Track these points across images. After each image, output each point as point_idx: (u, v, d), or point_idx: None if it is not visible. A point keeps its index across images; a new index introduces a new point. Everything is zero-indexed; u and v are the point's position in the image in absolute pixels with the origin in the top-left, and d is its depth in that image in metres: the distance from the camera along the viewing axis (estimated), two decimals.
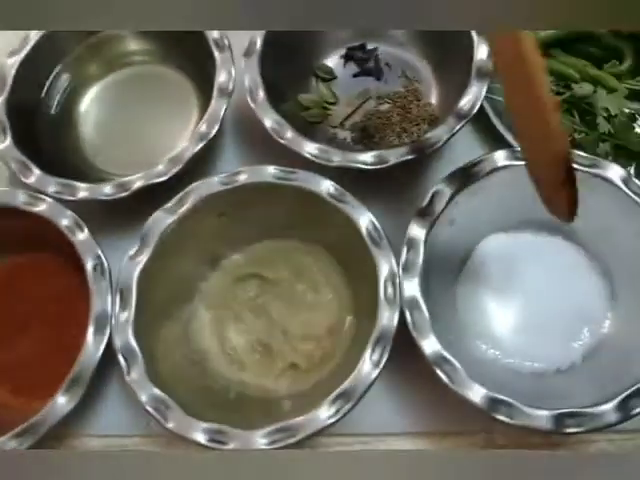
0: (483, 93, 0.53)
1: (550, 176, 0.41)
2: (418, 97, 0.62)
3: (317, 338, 0.52)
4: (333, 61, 0.65)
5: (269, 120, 0.54)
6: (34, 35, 0.59)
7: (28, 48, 0.59)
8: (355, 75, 0.64)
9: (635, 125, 0.59)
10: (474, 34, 0.55)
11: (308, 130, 0.61)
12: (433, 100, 0.62)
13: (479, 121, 0.59)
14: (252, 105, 0.54)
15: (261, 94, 0.55)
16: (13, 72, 0.58)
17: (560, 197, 0.41)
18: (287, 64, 0.60)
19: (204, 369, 0.53)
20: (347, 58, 0.65)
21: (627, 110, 0.58)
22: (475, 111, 0.53)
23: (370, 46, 0.65)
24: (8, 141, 0.56)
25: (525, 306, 0.54)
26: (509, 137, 0.57)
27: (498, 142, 0.58)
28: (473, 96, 0.53)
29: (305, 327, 0.53)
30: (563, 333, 0.53)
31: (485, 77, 0.54)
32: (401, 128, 0.61)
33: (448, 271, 0.55)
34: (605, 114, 0.56)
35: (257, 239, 0.56)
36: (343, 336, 0.53)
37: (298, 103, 0.62)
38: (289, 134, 0.53)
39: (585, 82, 0.58)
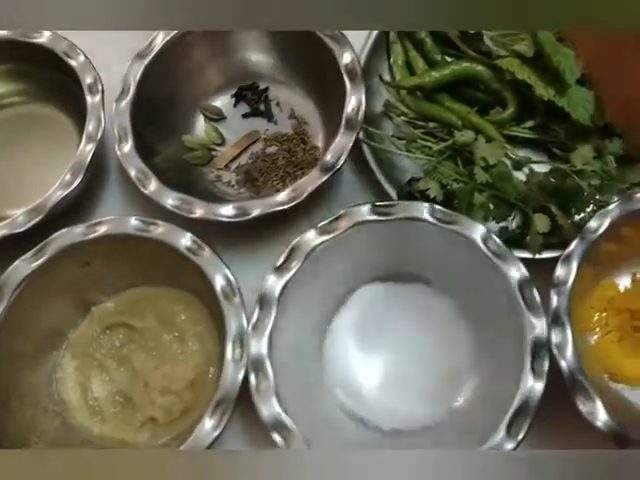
0: (349, 146, 0.52)
1: None
2: (305, 140, 0.61)
3: (178, 392, 0.52)
4: (224, 101, 0.64)
5: (133, 169, 0.53)
6: None
7: None
8: (245, 115, 0.63)
9: (521, 172, 0.58)
10: (347, 82, 0.55)
11: (192, 172, 0.61)
12: (320, 143, 0.61)
13: (361, 166, 0.59)
14: (118, 153, 0.54)
15: (129, 142, 0.54)
16: None
17: None
18: (170, 105, 0.60)
19: (65, 421, 0.52)
20: (238, 98, 0.64)
21: (513, 157, 0.57)
22: (340, 165, 0.52)
23: (262, 86, 0.64)
24: None
25: (393, 360, 0.53)
26: (387, 186, 0.56)
27: (378, 189, 0.57)
28: (340, 149, 0.52)
29: (166, 380, 0.52)
30: (430, 390, 0.52)
31: (354, 129, 0.53)
32: (285, 172, 0.60)
33: (315, 325, 0.54)
34: (483, 164, 0.55)
35: (127, 286, 0.56)
36: (206, 388, 0.52)
37: (183, 145, 0.61)
38: (152, 185, 0.53)
39: (467, 130, 0.57)
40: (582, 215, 0.55)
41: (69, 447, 0.51)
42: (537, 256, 0.53)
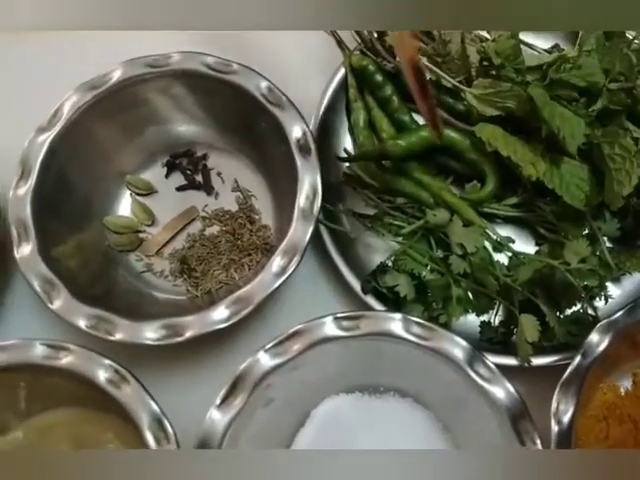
0: (304, 244, 0.43)
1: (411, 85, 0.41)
2: (252, 219, 0.51)
3: None
4: (155, 172, 0.54)
5: (37, 279, 0.43)
6: None
7: None
8: (179, 188, 0.53)
9: (503, 254, 0.50)
10: (298, 162, 0.45)
11: (117, 260, 0.50)
12: (270, 222, 0.52)
13: (317, 248, 0.50)
14: (17, 256, 0.43)
15: (30, 242, 0.44)
16: None
17: (421, 106, 0.42)
18: (86, 178, 0.50)
19: None
20: (170, 167, 0.54)
21: (493, 237, 0.49)
22: (293, 269, 0.43)
23: (199, 152, 0.54)
24: None
25: None
26: (349, 275, 0.48)
27: (338, 277, 0.49)
28: (292, 248, 0.43)
29: None
30: None
31: (309, 221, 0.44)
32: (229, 259, 0.50)
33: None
34: (460, 251, 0.47)
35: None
36: None
37: (105, 228, 0.51)
38: (62, 296, 0.42)
39: (440, 208, 0.49)
40: (573, 309, 0.48)
41: None
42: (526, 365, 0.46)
